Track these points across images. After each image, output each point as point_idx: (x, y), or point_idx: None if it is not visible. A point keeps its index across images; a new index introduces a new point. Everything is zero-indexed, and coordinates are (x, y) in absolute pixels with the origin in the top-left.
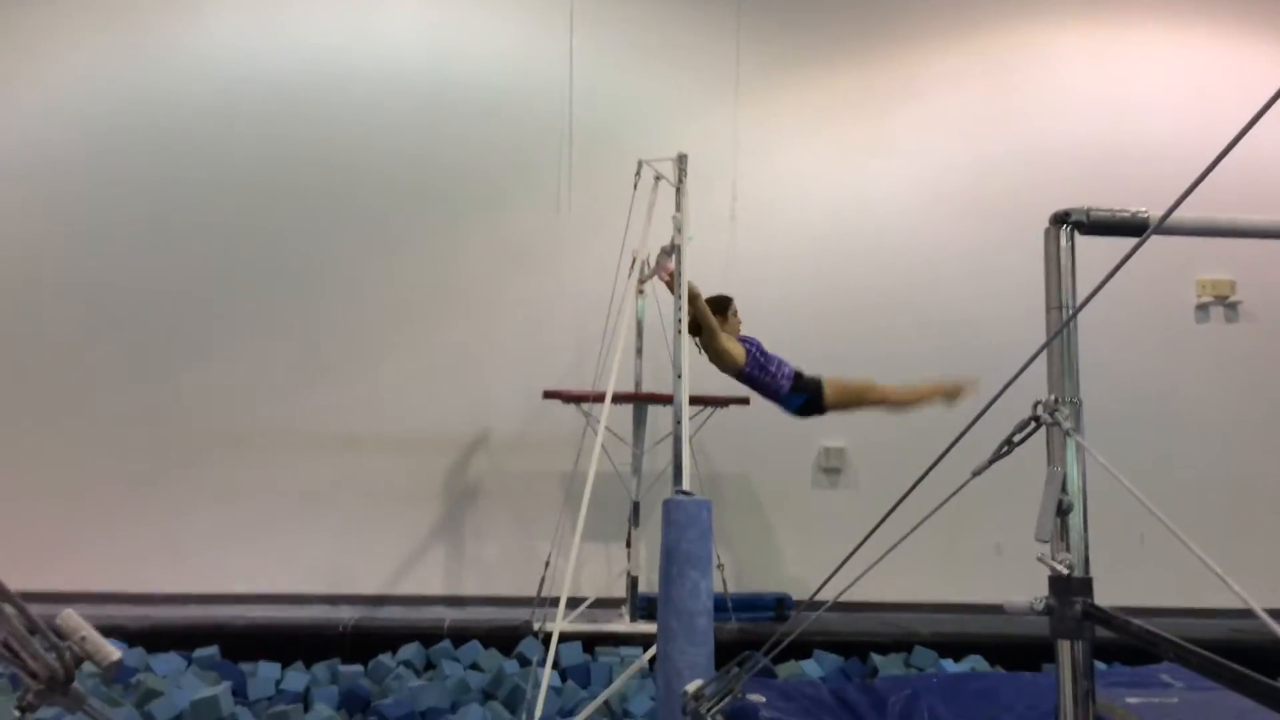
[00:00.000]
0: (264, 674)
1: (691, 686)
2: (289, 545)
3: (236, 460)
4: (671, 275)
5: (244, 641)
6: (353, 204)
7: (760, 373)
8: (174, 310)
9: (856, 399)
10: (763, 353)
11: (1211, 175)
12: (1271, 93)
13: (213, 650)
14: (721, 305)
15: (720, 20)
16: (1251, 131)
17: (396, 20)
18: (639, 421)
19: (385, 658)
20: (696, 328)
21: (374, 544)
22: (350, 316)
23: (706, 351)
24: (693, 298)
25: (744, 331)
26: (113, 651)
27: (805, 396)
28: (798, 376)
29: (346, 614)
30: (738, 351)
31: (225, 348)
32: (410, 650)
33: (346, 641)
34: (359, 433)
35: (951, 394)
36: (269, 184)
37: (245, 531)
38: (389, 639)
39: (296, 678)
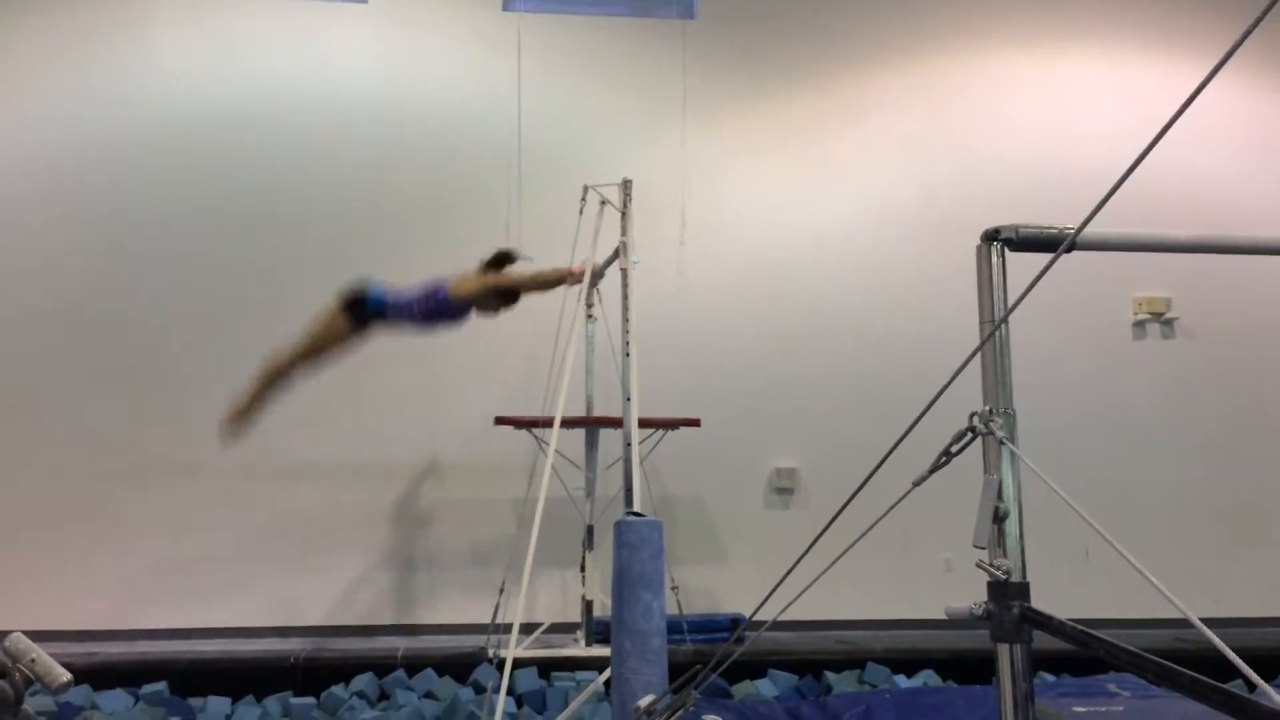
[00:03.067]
0: (214, 709)
1: (643, 702)
2: (238, 578)
3: (184, 492)
4: (576, 278)
5: (193, 677)
6: (303, 230)
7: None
8: (121, 340)
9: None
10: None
11: (1154, 197)
12: (1206, 117)
13: (160, 686)
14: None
15: (667, 47)
16: (1192, 156)
17: (347, 48)
18: (590, 445)
19: (338, 689)
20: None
21: (325, 574)
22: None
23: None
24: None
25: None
26: (63, 673)
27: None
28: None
29: (298, 646)
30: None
31: (172, 377)
32: (364, 681)
33: (298, 674)
34: (309, 462)
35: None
36: (219, 212)
37: (193, 565)
38: (342, 670)
39: (247, 712)
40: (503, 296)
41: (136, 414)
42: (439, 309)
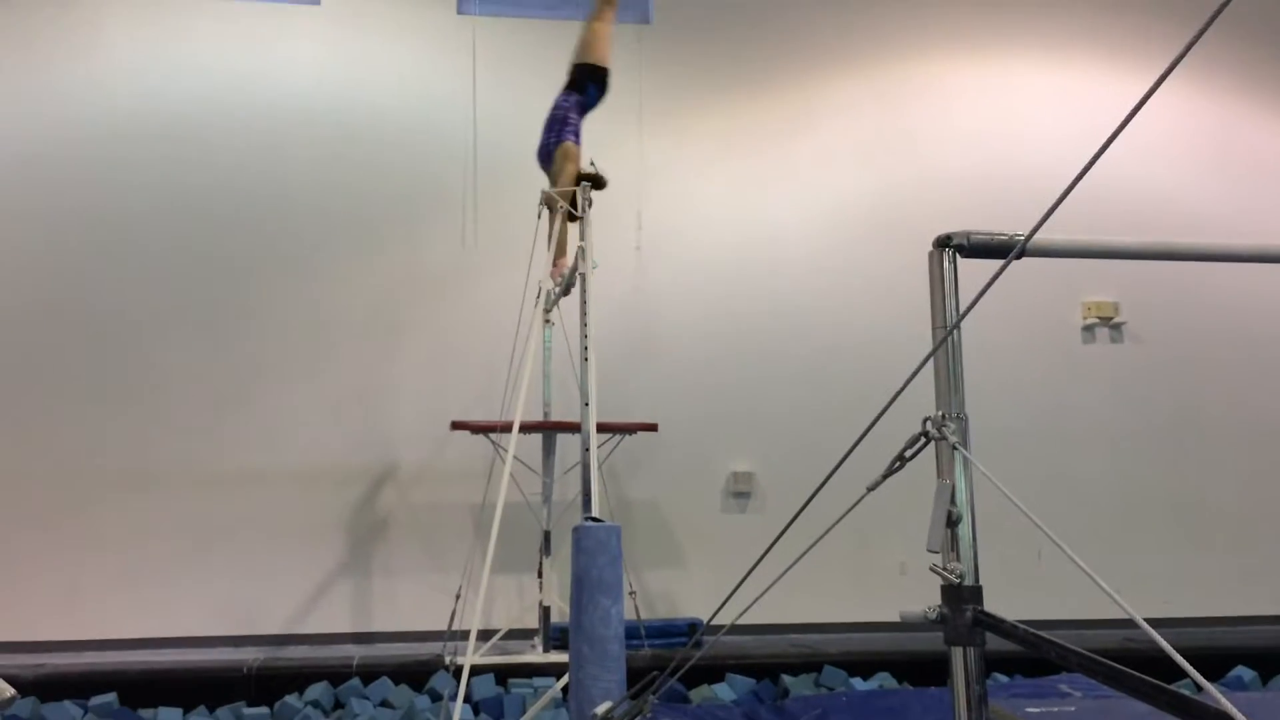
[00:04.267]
0: None
1: (601, 709)
2: (189, 586)
3: (133, 499)
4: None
5: (143, 688)
6: (255, 234)
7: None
8: (68, 345)
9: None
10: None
11: (1104, 203)
12: (1156, 125)
13: (110, 698)
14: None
15: (623, 51)
16: (1142, 163)
17: (299, 50)
18: (548, 450)
19: (292, 699)
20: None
21: (278, 582)
22: (252, 348)
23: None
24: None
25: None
26: (6, 688)
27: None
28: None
29: (250, 655)
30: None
31: (120, 382)
32: (318, 690)
33: (251, 683)
34: (261, 467)
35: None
36: (166, 215)
37: (143, 573)
38: (295, 679)
39: None
40: (555, 192)
41: (87, 420)
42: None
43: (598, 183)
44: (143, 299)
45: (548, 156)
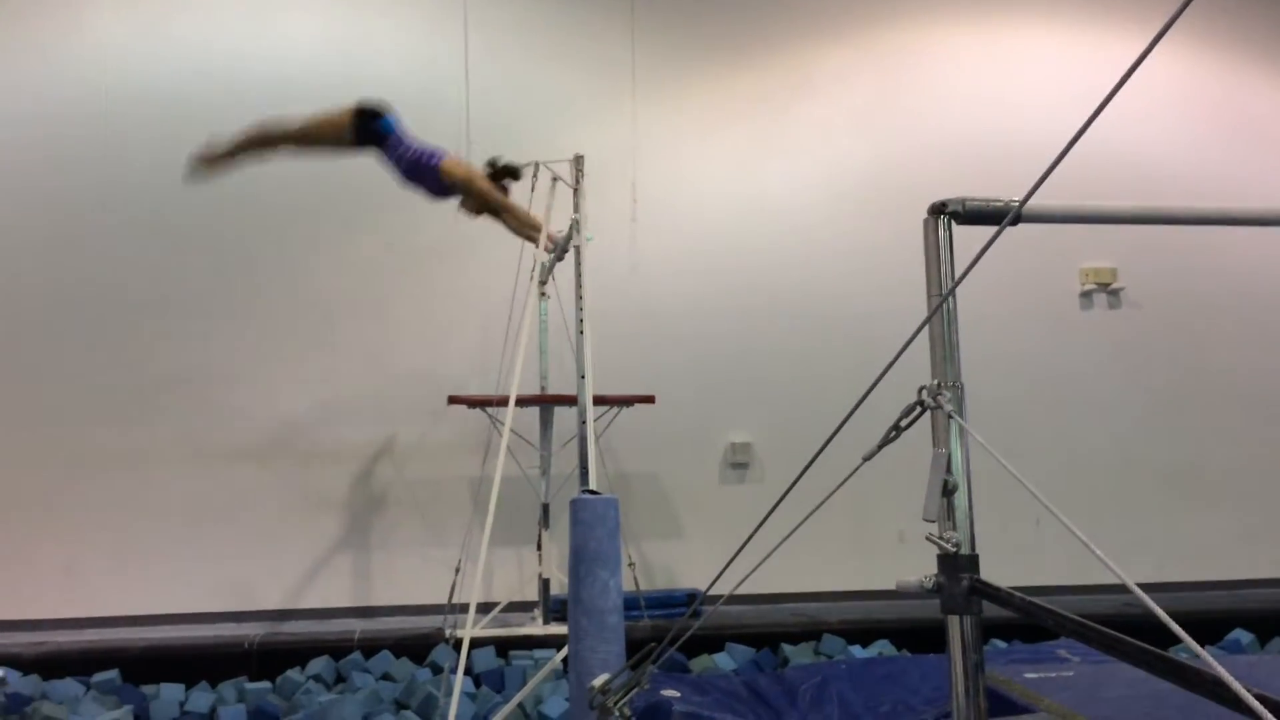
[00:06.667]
0: (167, 696)
1: (598, 681)
2: (190, 563)
3: (132, 477)
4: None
5: (145, 664)
6: (249, 211)
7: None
8: (63, 322)
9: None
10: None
11: (1100, 168)
12: (1152, 88)
13: (112, 674)
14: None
15: (616, 21)
16: (1139, 127)
17: (290, 21)
18: (545, 423)
19: (294, 673)
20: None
21: (279, 557)
22: (249, 324)
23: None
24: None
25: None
26: None
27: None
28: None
29: (252, 630)
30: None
31: (117, 360)
32: (319, 664)
33: (253, 658)
34: (260, 444)
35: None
36: (160, 189)
37: (144, 550)
38: (297, 654)
39: (201, 698)
40: (482, 203)
41: (84, 398)
42: (425, 170)
43: (513, 172)
44: (138, 277)
45: (430, 180)
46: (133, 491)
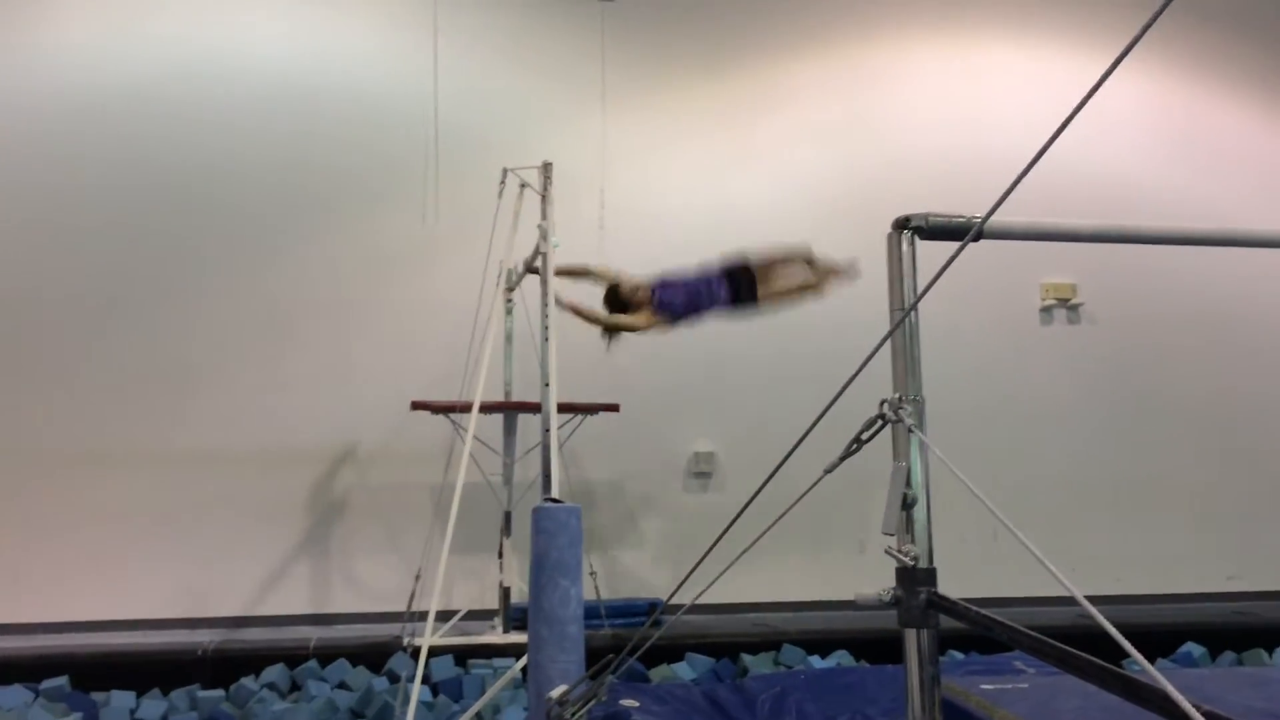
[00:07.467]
0: (117, 703)
1: (556, 692)
2: (143, 568)
3: (85, 480)
4: (574, 308)
5: (95, 670)
6: (211, 212)
7: (690, 303)
8: (17, 321)
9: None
10: (676, 289)
11: (1063, 185)
12: (1118, 108)
13: (61, 681)
14: (615, 298)
15: (586, 28)
16: (1102, 145)
17: (258, 22)
18: (509, 430)
19: (248, 681)
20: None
21: (235, 563)
22: (208, 326)
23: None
24: (603, 319)
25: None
26: None
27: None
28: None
29: (206, 637)
30: (646, 320)
31: (72, 360)
32: (274, 672)
33: (206, 666)
34: (217, 447)
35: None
36: (125, 191)
37: (96, 555)
38: (252, 661)
39: (153, 706)
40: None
41: (35, 399)
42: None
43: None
44: (96, 278)
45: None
46: (85, 495)
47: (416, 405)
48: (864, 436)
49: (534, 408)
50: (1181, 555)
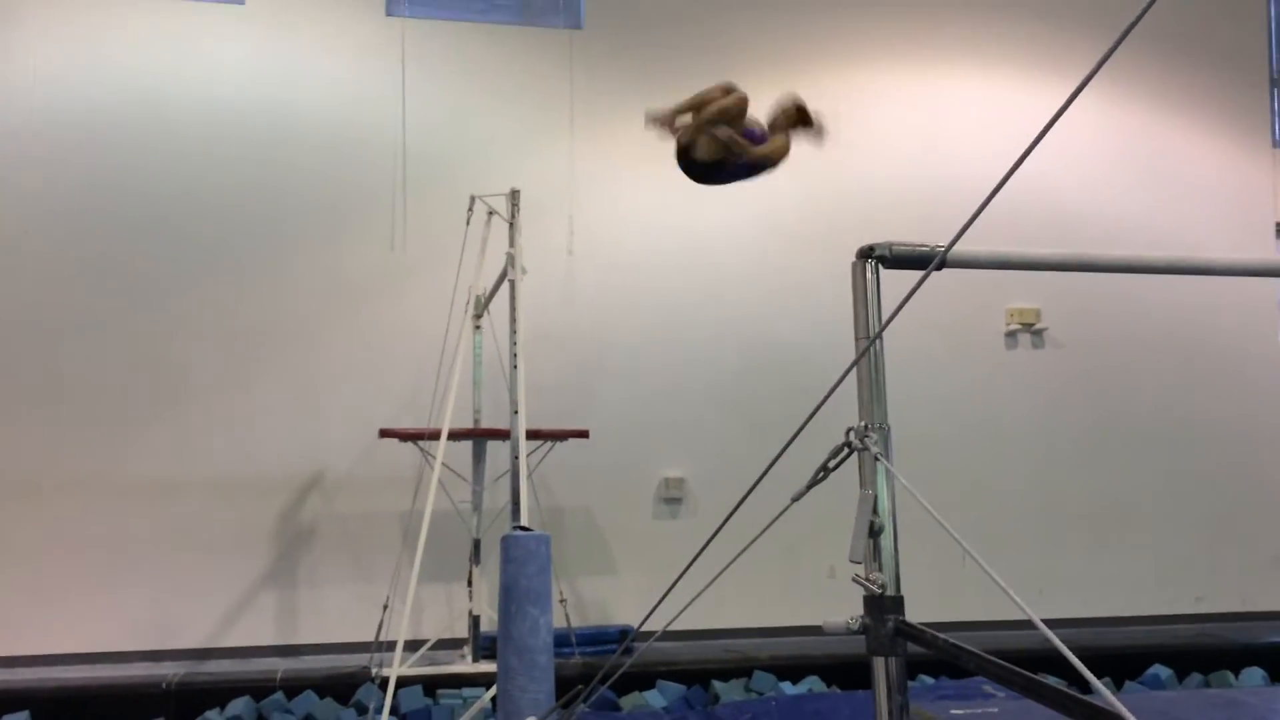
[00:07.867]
0: None
1: None
2: (106, 600)
3: (45, 510)
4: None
5: (57, 705)
6: (178, 236)
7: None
8: None
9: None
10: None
11: (1027, 214)
12: (1080, 138)
13: (22, 716)
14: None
15: (555, 56)
16: (1064, 175)
17: (224, 50)
18: (478, 457)
19: (213, 714)
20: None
21: (200, 594)
22: (173, 352)
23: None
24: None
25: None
26: None
27: None
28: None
29: (170, 670)
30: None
31: (31, 388)
32: (240, 705)
33: (171, 699)
34: (182, 477)
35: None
36: (90, 217)
37: (56, 586)
38: (217, 694)
39: None
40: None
41: None
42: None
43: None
44: (58, 303)
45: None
46: (45, 525)
47: (385, 433)
48: (830, 464)
49: (503, 434)
50: (1147, 578)
